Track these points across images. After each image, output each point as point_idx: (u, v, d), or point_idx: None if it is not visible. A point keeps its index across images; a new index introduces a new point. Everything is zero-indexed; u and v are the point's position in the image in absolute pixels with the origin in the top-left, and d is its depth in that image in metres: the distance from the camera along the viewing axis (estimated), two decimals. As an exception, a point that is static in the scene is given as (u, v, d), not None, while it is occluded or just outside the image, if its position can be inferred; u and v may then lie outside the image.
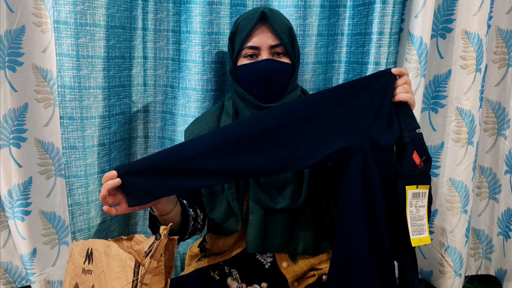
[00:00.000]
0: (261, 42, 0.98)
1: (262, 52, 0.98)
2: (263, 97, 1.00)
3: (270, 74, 0.98)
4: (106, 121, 1.26)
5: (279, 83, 1.00)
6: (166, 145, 1.39)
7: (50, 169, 1.43)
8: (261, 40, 0.98)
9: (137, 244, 0.92)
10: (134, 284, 0.85)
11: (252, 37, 0.98)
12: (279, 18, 1.00)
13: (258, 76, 0.98)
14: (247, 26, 0.98)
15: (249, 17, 1.00)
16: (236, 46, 1.00)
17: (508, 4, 1.43)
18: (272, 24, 0.97)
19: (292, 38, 1.01)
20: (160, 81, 1.36)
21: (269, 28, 0.97)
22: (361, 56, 1.29)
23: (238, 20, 1.03)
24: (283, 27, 0.99)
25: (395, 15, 1.22)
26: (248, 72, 0.99)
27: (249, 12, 1.03)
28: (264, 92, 0.99)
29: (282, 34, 0.98)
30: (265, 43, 0.98)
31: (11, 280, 1.52)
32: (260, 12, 0.97)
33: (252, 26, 0.97)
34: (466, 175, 1.42)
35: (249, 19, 0.99)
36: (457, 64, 1.37)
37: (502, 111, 1.51)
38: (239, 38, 0.99)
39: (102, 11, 1.17)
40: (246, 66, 0.99)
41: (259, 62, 0.98)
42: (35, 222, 1.42)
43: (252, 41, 0.98)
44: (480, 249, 1.65)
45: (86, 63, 1.17)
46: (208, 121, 1.07)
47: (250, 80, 1.00)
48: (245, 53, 0.99)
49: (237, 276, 1.06)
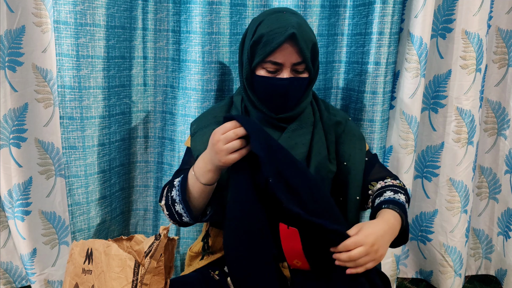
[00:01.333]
0: (285, 59, 0.95)
1: (284, 69, 0.96)
2: (276, 110, 1.00)
3: (289, 92, 0.97)
4: (106, 121, 1.26)
5: (295, 98, 1.00)
6: (166, 145, 1.40)
7: (50, 169, 1.43)
8: (285, 57, 0.95)
9: (137, 244, 0.92)
10: (134, 284, 0.85)
11: (277, 52, 0.94)
12: (306, 35, 0.96)
13: (277, 93, 0.97)
14: (273, 42, 0.93)
15: (276, 31, 0.94)
16: (258, 56, 0.96)
17: (508, 4, 1.43)
18: (299, 43, 0.93)
19: (314, 53, 0.99)
20: (160, 81, 1.36)
21: (295, 47, 0.94)
22: (361, 56, 1.29)
23: (261, 29, 0.96)
24: (308, 44, 0.96)
25: (395, 15, 1.22)
26: (268, 86, 0.98)
27: (275, 24, 0.95)
28: (279, 106, 0.99)
29: (307, 52, 0.95)
30: (289, 61, 0.95)
31: (11, 280, 1.52)
32: (290, 33, 0.92)
33: (279, 44, 0.93)
34: (466, 175, 1.42)
35: (277, 35, 0.93)
36: (457, 64, 1.37)
37: (502, 111, 1.51)
38: (263, 51, 0.95)
39: (102, 11, 1.17)
40: (266, 79, 0.97)
41: (281, 80, 0.96)
42: (35, 222, 1.42)
43: (276, 57, 0.95)
44: (480, 249, 1.65)
45: (86, 63, 1.17)
46: (216, 115, 1.06)
47: (268, 94, 0.99)
48: (267, 66, 0.97)
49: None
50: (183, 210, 0.94)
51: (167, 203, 0.98)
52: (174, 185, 0.97)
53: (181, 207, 0.94)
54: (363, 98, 1.28)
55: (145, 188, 1.44)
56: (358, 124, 1.31)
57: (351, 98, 1.34)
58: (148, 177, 1.43)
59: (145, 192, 1.44)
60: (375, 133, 1.29)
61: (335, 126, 1.07)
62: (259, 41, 0.96)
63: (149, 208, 1.45)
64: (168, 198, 0.97)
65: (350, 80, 1.35)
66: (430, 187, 1.51)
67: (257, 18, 1.01)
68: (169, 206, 0.97)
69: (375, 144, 1.30)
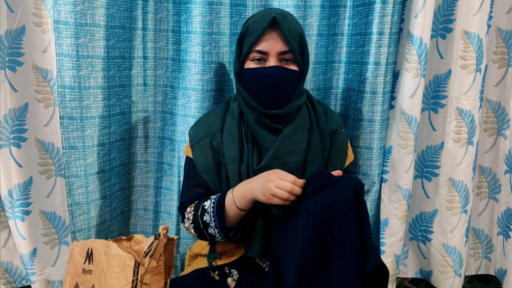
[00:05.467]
0: (269, 47, 0.96)
1: (270, 58, 0.97)
2: (267, 104, 0.99)
3: (276, 82, 0.97)
4: (106, 121, 1.26)
5: (284, 91, 0.99)
6: (166, 145, 1.40)
7: (50, 169, 1.44)
8: (270, 45, 0.96)
9: (137, 244, 0.92)
10: (134, 284, 0.85)
11: (261, 41, 0.96)
12: (291, 24, 0.97)
13: (264, 83, 0.97)
14: (257, 30, 0.96)
15: (260, 20, 0.97)
16: (244, 48, 0.98)
17: (508, 4, 1.43)
18: (283, 30, 0.94)
19: (303, 46, 0.99)
20: (160, 81, 1.36)
21: (280, 34, 0.95)
22: (361, 56, 1.29)
23: (248, 22, 1.00)
24: (294, 34, 0.96)
25: (395, 15, 1.22)
26: (254, 77, 0.98)
27: (260, 14, 1.00)
28: (268, 99, 0.99)
29: (292, 41, 0.95)
30: (274, 49, 0.96)
31: (11, 280, 1.52)
32: (271, 17, 0.94)
33: (262, 30, 0.95)
34: (466, 175, 1.42)
35: (260, 23, 0.96)
36: (457, 64, 1.37)
37: (502, 111, 1.51)
38: (248, 41, 0.97)
39: (102, 11, 1.17)
40: (252, 70, 0.98)
41: (266, 69, 0.96)
42: (35, 222, 1.42)
43: (260, 46, 0.96)
44: (480, 249, 1.65)
45: (86, 63, 1.18)
46: (213, 123, 1.06)
47: (255, 86, 0.99)
48: (253, 57, 0.98)
49: (237, 277, 1.06)
50: (219, 234, 0.97)
51: (197, 227, 1.00)
52: (206, 209, 0.98)
53: (216, 231, 0.97)
54: (363, 98, 1.28)
55: (145, 188, 1.44)
56: (358, 124, 1.31)
57: (351, 98, 1.34)
58: (148, 177, 1.43)
59: (145, 192, 1.44)
60: (375, 133, 1.29)
61: (331, 134, 1.07)
62: (245, 33, 0.98)
63: (149, 208, 1.45)
64: (199, 222, 0.99)
65: (350, 80, 1.35)
66: (430, 187, 1.51)
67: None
68: (201, 229, 0.99)
69: (374, 144, 1.30)
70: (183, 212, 1.04)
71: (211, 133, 1.04)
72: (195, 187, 1.05)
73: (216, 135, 1.04)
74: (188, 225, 1.01)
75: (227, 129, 1.03)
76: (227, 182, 1.02)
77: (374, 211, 1.38)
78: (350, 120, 1.35)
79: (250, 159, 1.00)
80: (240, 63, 1.01)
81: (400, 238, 1.42)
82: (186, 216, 1.02)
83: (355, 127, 1.32)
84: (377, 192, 1.35)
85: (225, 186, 1.02)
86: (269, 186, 0.88)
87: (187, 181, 1.08)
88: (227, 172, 1.01)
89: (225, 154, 1.01)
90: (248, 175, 1.00)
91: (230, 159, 1.00)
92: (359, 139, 1.31)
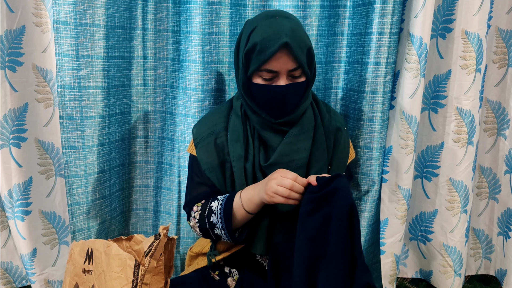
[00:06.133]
0: (280, 67, 0.94)
1: (280, 76, 0.96)
2: (276, 115, 1.00)
3: (287, 98, 0.98)
4: (106, 121, 1.26)
5: (293, 103, 1.00)
6: (166, 145, 1.40)
7: (50, 169, 1.43)
8: (280, 65, 0.94)
9: (137, 244, 0.92)
10: (134, 284, 0.85)
11: (272, 61, 0.94)
12: (300, 39, 0.94)
13: (275, 100, 0.98)
14: (267, 51, 0.92)
15: (269, 39, 0.93)
16: (253, 65, 0.96)
17: (508, 4, 1.43)
18: (293, 51, 0.92)
19: (310, 57, 0.98)
20: (160, 81, 1.36)
21: (290, 55, 0.93)
22: (361, 56, 1.29)
23: (254, 37, 0.95)
24: (303, 49, 0.95)
25: (395, 15, 1.22)
26: (264, 93, 0.98)
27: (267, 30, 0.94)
28: (278, 112, 1.00)
29: (302, 57, 0.94)
30: (284, 68, 0.95)
31: (11, 280, 1.52)
32: (283, 42, 0.91)
33: (273, 53, 0.92)
34: (466, 175, 1.42)
35: (270, 43, 0.92)
36: (457, 64, 1.37)
37: (502, 111, 1.51)
38: (257, 59, 0.94)
39: (101, 11, 1.17)
40: (263, 86, 0.97)
41: (277, 87, 0.96)
42: (35, 222, 1.42)
43: (271, 65, 0.94)
44: (480, 249, 1.65)
45: (86, 63, 1.18)
46: (217, 122, 1.07)
47: (265, 101, 0.99)
48: (262, 74, 0.96)
49: (237, 277, 1.06)
50: (226, 235, 0.98)
51: (203, 227, 1.00)
52: (213, 210, 0.99)
53: (223, 232, 0.98)
54: (363, 98, 1.28)
55: (145, 188, 1.44)
56: (358, 124, 1.31)
57: (351, 98, 1.34)
58: (148, 177, 1.43)
59: (145, 192, 1.44)
60: (375, 133, 1.29)
61: (335, 132, 1.08)
62: (252, 49, 0.95)
63: (149, 208, 1.45)
64: (206, 223, 1.00)
65: (350, 80, 1.35)
66: (430, 187, 1.51)
67: (251, 23, 0.99)
68: (207, 230, 1.00)
69: (375, 144, 1.30)
70: (188, 211, 1.05)
71: (215, 132, 1.05)
72: (200, 184, 1.06)
73: (220, 133, 1.04)
74: (194, 224, 1.02)
75: (232, 128, 1.04)
76: (232, 180, 1.03)
77: (374, 211, 1.38)
78: (350, 120, 1.35)
79: (256, 157, 1.02)
80: (247, 76, 1.00)
81: (400, 238, 1.42)
82: (192, 215, 1.03)
83: (355, 127, 1.32)
84: (377, 192, 1.35)
85: (230, 184, 1.03)
86: (271, 184, 0.90)
87: (192, 179, 1.08)
88: (231, 170, 1.02)
89: (230, 152, 1.02)
90: (253, 172, 1.01)
91: (235, 157, 1.01)
92: (359, 139, 1.31)
